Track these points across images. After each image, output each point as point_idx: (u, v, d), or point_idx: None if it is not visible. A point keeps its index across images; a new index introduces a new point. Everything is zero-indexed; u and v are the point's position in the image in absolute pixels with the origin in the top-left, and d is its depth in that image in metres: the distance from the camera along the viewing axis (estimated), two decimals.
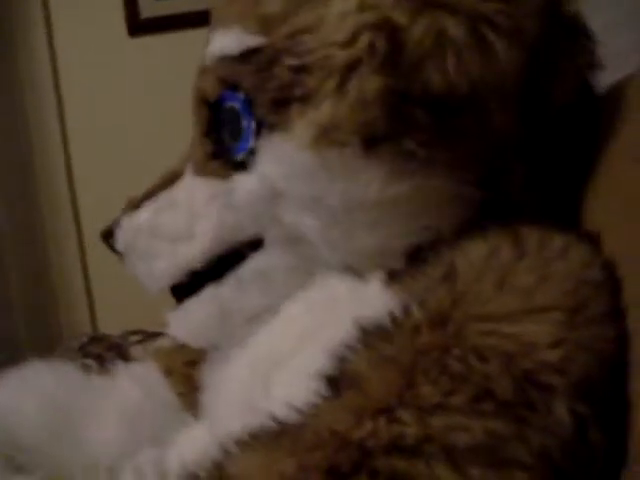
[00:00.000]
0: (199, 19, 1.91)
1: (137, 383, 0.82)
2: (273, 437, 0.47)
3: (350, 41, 0.51)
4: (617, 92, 0.59)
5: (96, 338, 1.30)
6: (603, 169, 0.56)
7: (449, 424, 0.43)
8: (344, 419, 0.44)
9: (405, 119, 0.51)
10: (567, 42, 0.57)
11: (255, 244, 0.61)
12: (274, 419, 0.48)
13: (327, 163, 0.53)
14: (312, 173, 0.54)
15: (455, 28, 0.50)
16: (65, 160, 2.17)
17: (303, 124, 0.53)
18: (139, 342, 1.22)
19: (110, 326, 1.63)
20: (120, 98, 2.13)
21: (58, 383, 0.79)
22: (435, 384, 0.44)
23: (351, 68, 0.51)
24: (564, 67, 0.57)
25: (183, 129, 0.70)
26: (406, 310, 0.49)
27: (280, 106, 0.55)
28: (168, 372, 0.84)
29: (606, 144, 0.56)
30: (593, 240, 0.53)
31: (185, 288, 0.65)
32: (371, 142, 0.52)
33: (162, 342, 1.11)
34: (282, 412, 0.48)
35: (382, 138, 0.52)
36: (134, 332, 1.30)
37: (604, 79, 0.62)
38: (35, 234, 2.18)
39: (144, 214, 0.66)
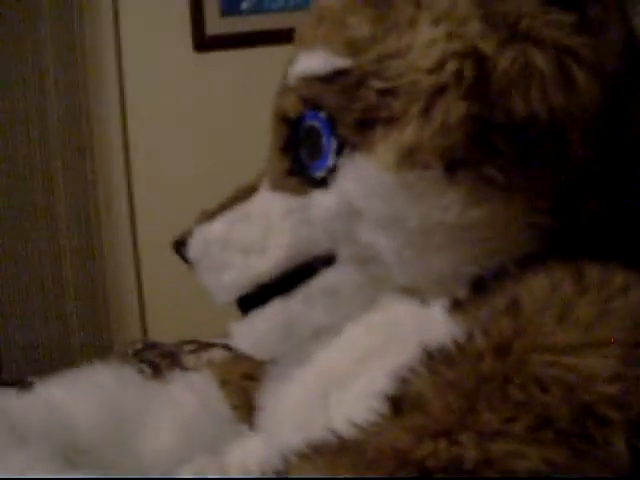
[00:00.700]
0: (264, 38, 1.98)
1: (193, 392, 0.83)
2: (334, 451, 0.47)
3: (437, 67, 0.53)
4: None
5: (150, 345, 1.31)
6: None
7: (508, 450, 0.43)
8: (405, 438, 0.45)
9: (487, 145, 0.53)
10: None
11: (327, 260, 0.62)
12: (335, 434, 0.49)
13: (408, 185, 0.54)
14: (392, 193, 0.55)
15: (541, 60, 0.52)
16: (126, 174, 2.20)
17: (386, 145, 0.54)
18: (192, 352, 1.23)
19: (160, 337, 1.64)
20: (185, 112, 2.16)
21: (117, 385, 0.80)
22: (496, 411, 0.45)
23: (437, 94, 0.53)
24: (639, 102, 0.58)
25: (247, 144, 0.71)
26: (470, 337, 0.50)
27: (364, 127, 0.56)
28: (223, 383, 0.85)
29: None
30: None
31: (252, 300, 0.66)
32: (452, 166, 0.53)
33: (216, 353, 1.13)
34: (343, 428, 0.49)
35: (463, 163, 0.53)
36: (188, 342, 1.30)
37: None
38: (92, 245, 2.21)
39: (218, 225, 0.67)
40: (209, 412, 0.81)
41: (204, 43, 2.13)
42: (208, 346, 1.24)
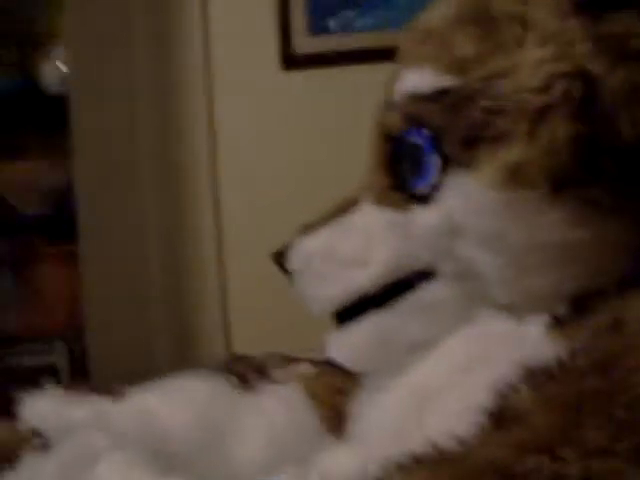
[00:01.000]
0: (351, 57, 1.99)
1: (282, 404, 0.84)
2: (434, 463, 0.48)
3: (545, 88, 0.53)
4: None
5: (238, 357, 1.32)
6: None
7: (611, 469, 0.43)
8: (507, 453, 0.45)
9: (593, 167, 0.53)
10: None
11: (426, 275, 0.63)
12: (434, 446, 0.49)
13: (513, 203, 0.55)
14: (497, 211, 0.55)
15: None
16: (213, 192, 2.23)
17: (492, 164, 0.55)
18: (280, 365, 1.24)
19: (244, 351, 1.66)
20: (272, 131, 2.18)
21: (208, 394, 0.82)
22: (601, 428, 0.45)
23: (544, 113, 0.53)
24: None
25: (333, 163, 0.72)
26: (573, 354, 0.50)
27: (470, 145, 0.57)
28: (312, 396, 0.86)
29: None
30: None
31: (349, 312, 0.67)
32: (558, 186, 0.54)
33: (304, 368, 1.13)
34: (442, 440, 0.49)
35: (569, 183, 0.54)
36: (274, 355, 1.31)
37: None
38: (177, 257, 2.25)
39: (320, 237, 0.68)
40: (298, 423, 0.82)
41: (291, 61, 2.16)
42: (296, 360, 1.24)
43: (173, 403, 0.79)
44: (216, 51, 2.20)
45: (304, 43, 2.13)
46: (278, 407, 0.83)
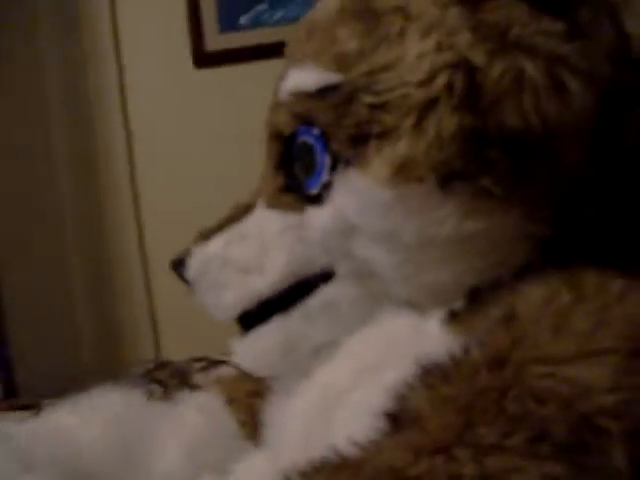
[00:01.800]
0: (263, 52, 1.98)
1: (200, 411, 0.83)
2: (333, 470, 0.47)
3: (428, 80, 0.52)
4: None
5: (161, 364, 1.32)
6: None
7: (505, 465, 0.43)
8: (402, 456, 0.45)
9: (481, 157, 0.52)
10: (636, 83, 0.58)
11: (325, 276, 0.62)
12: (335, 452, 0.48)
13: (403, 199, 0.54)
14: (388, 208, 0.54)
15: (532, 69, 0.51)
16: (132, 189, 2.21)
17: (380, 160, 0.54)
18: (203, 369, 1.24)
19: (173, 353, 1.65)
20: (186, 129, 2.17)
21: (127, 410, 0.80)
22: (492, 425, 0.44)
23: (429, 107, 0.52)
24: (634, 108, 0.57)
25: (247, 160, 0.71)
26: (466, 350, 0.50)
27: (357, 142, 0.56)
28: (230, 401, 0.85)
29: None
30: None
31: (252, 317, 0.66)
32: (448, 179, 0.53)
33: (224, 371, 1.13)
34: (343, 446, 0.48)
35: (458, 175, 0.53)
36: (199, 359, 1.31)
37: None
38: (102, 260, 2.23)
39: (215, 245, 0.67)
40: (216, 431, 0.81)
41: (203, 59, 2.15)
42: (218, 363, 1.24)
43: (88, 420, 0.77)
44: (127, 50, 2.18)
45: (214, 40, 2.11)
46: (196, 416, 0.82)
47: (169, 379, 1.17)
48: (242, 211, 0.67)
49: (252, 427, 0.80)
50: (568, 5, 0.54)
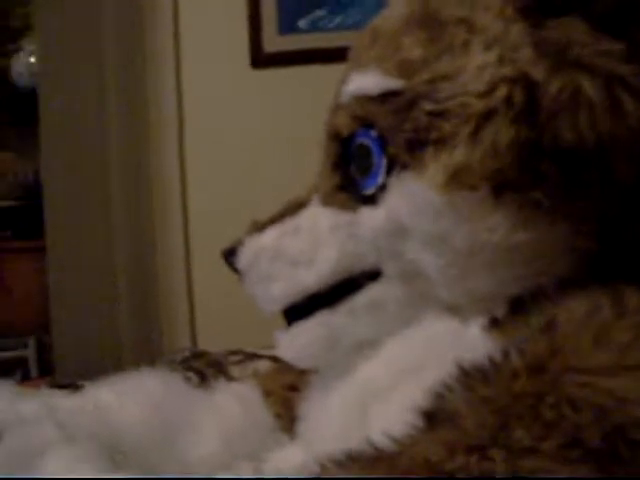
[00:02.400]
0: (320, 56, 1.98)
1: (237, 401, 0.84)
2: (369, 461, 0.49)
3: (488, 91, 0.54)
4: None
5: (197, 354, 1.33)
6: None
7: (537, 467, 0.44)
8: (438, 451, 0.46)
9: (534, 170, 0.54)
10: None
11: (372, 275, 0.63)
12: (371, 445, 0.50)
13: (456, 205, 0.55)
14: (440, 213, 0.56)
15: (590, 87, 0.53)
16: (182, 188, 2.23)
17: (436, 166, 0.56)
18: (239, 362, 1.25)
19: (209, 345, 1.66)
20: (240, 128, 2.18)
21: (163, 390, 0.82)
22: (528, 428, 0.46)
23: (487, 117, 0.54)
24: None
25: (299, 161, 0.72)
26: (506, 355, 0.51)
27: (414, 147, 0.57)
28: (267, 393, 0.86)
29: None
30: None
31: (298, 311, 0.67)
32: (500, 189, 0.54)
33: (261, 364, 1.14)
34: (380, 440, 0.50)
35: (510, 186, 0.54)
36: (234, 352, 1.32)
37: None
38: (145, 251, 2.25)
39: (268, 237, 0.68)
40: (252, 420, 0.83)
41: (261, 60, 2.16)
42: (254, 357, 1.25)
43: (128, 399, 0.79)
44: (187, 49, 2.19)
45: (273, 41, 2.12)
46: (232, 404, 0.84)
47: (206, 368, 1.18)
48: (297, 206, 0.69)
49: (288, 420, 0.81)
50: (627, 27, 0.55)
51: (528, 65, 0.54)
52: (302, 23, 2.12)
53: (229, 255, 0.71)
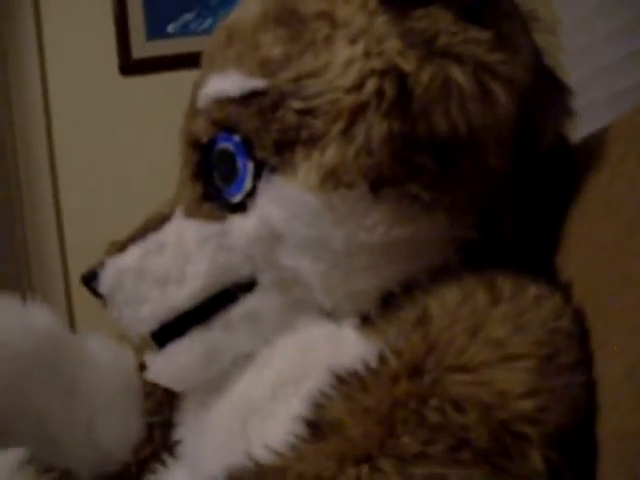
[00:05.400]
0: (191, 60, 1.94)
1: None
2: (252, 478, 0.47)
3: (357, 86, 0.52)
4: (590, 143, 0.60)
5: None
6: (577, 218, 0.57)
7: (429, 473, 0.43)
8: (327, 465, 0.45)
9: (410, 163, 0.52)
10: (550, 91, 0.60)
11: (247, 286, 0.60)
12: (253, 461, 0.48)
13: (332, 205, 0.53)
14: (316, 215, 0.54)
15: (460, 75, 0.52)
16: (53, 195, 2.16)
17: (308, 166, 0.53)
18: None
19: None
20: (110, 135, 2.13)
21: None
22: (414, 434, 0.45)
23: (358, 112, 0.52)
24: (548, 115, 0.59)
25: (172, 169, 0.68)
26: (382, 359, 0.50)
27: (283, 148, 0.55)
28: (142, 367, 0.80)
29: (579, 194, 0.57)
30: (565, 289, 0.54)
31: (169, 331, 0.63)
32: (377, 185, 0.52)
33: None
34: (261, 454, 0.48)
35: (387, 181, 0.53)
36: None
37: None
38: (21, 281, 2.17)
39: (130, 257, 0.64)
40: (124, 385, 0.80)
41: (130, 66, 2.10)
42: None
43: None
44: (52, 55, 2.13)
45: (141, 47, 2.08)
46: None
47: None
48: (159, 221, 0.65)
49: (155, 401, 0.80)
50: (491, 16, 0.55)
51: (397, 56, 0.52)
52: (171, 27, 2.07)
53: (90, 279, 0.66)
